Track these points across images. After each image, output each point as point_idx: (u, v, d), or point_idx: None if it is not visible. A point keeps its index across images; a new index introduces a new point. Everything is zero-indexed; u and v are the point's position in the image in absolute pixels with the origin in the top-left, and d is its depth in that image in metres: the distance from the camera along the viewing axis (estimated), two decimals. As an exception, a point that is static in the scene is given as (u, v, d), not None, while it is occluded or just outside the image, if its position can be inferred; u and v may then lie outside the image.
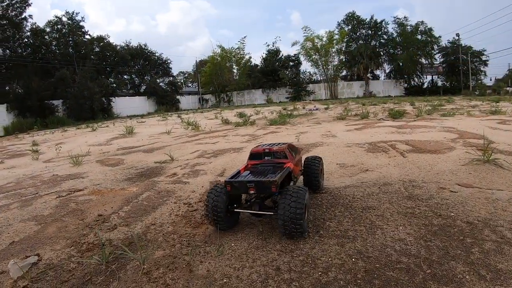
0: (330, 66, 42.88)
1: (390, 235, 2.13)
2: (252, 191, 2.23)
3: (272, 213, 2.24)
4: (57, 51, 31.00)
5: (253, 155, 2.79)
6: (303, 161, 3.10)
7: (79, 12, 34.68)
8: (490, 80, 39.73)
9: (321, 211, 2.62)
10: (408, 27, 40.18)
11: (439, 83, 41.10)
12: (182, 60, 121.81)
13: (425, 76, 41.89)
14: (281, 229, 2.08)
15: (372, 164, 3.93)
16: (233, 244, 2.03)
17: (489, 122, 7.02)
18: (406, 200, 2.76)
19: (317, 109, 17.65)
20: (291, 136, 6.32)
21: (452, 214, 2.42)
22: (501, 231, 2.10)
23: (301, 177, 3.07)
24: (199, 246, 2.08)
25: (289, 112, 14.48)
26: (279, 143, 2.95)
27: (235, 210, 2.36)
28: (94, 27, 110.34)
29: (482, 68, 38.59)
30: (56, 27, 31.13)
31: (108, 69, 36.67)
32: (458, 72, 38.47)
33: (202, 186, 3.28)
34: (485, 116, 8.60)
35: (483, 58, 38.06)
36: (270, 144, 2.98)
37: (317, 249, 1.99)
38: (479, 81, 37.97)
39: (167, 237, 2.31)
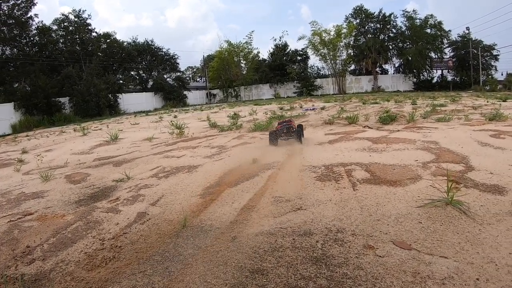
0: (338, 61, 42.38)
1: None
2: (285, 130, 6.64)
3: (292, 138, 6.55)
4: (64, 48, 31.57)
5: (279, 123, 7.18)
6: (296, 125, 7.23)
7: (85, 10, 35.09)
8: (502, 74, 38.53)
9: (197, 274, 2.25)
10: (417, 21, 39.31)
11: (449, 78, 40.14)
12: (192, 54, 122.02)
13: (435, 70, 40.98)
14: (296, 141, 6.46)
15: (311, 200, 3.45)
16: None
17: (481, 134, 6.30)
18: (310, 264, 2.26)
19: (313, 108, 17.56)
20: (259, 149, 6.36)
21: (350, 302, 1.90)
22: None
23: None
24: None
25: (282, 114, 14.46)
26: (288, 118, 9.76)
27: (278, 139, 6.57)
28: (103, 23, 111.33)
29: (492, 63, 37.48)
30: (63, 24, 31.69)
31: (115, 65, 37.14)
32: (468, 66, 37.45)
33: (128, 218, 3.37)
34: (482, 123, 7.95)
35: (494, 52, 36.98)
36: (285, 118, 8.70)
37: None
38: (490, 76, 36.90)
39: (62, 279, 2.42)
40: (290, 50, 46.85)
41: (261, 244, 2.61)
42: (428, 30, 39.27)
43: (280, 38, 46.94)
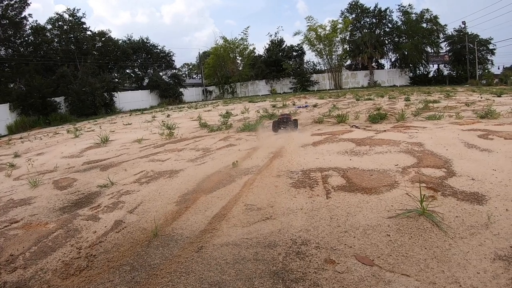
0: (334, 56, 42.51)
1: None
2: (284, 120, 8.65)
3: (289, 126, 8.49)
4: (59, 48, 31.60)
5: (281, 115, 9.51)
6: (293, 118, 9.09)
7: (80, 8, 35.12)
8: (498, 68, 38.84)
9: (159, 285, 2.33)
10: (413, 15, 39.46)
11: (445, 72, 40.32)
12: (188, 51, 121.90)
13: (431, 65, 41.14)
14: (294, 129, 8.47)
15: (282, 208, 3.37)
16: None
17: (469, 134, 6.06)
18: (267, 278, 2.20)
19: (306, 106, 17.69)
20: (242, 152, 6.51)
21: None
22: None
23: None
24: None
25: (274, 112, 14.55)
26: (287, 113, 11.03)
27: (279, 128, 8.52)
28: (98, 20, 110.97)
29: (489, 57, 37.66)
30: (57, 24, 31.69)
31: (110, 64, 37.18)
32: (465, 61, 37.60)
33: (105, 226, 3.54)
34: (472, 122, 7.75)
35: (490, 46, 37.12)
36: (284, 113, 10.97)
37: None
38: (486, 70, 37.08)
39: (40, 287, 2.60)
40: (286, 45, 47.00)
41: (225, 255, 2.62)
42: (424, 25, 39.46)
43: (276, 33, 47.19)
